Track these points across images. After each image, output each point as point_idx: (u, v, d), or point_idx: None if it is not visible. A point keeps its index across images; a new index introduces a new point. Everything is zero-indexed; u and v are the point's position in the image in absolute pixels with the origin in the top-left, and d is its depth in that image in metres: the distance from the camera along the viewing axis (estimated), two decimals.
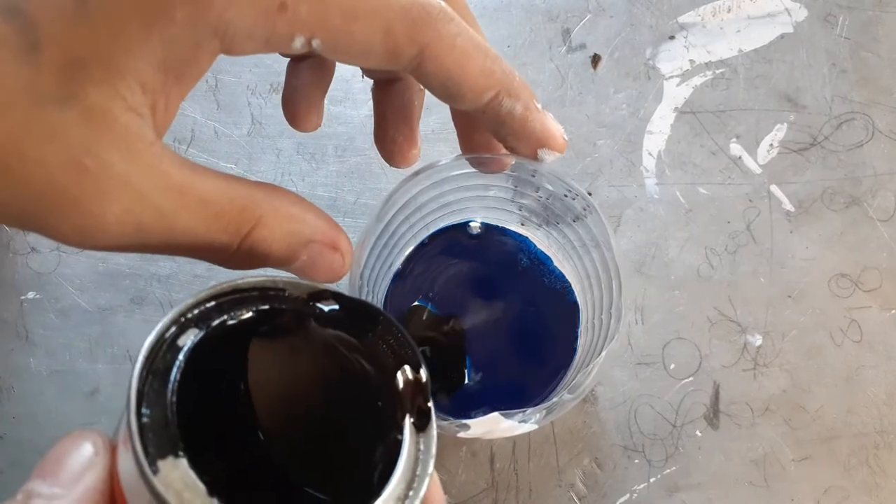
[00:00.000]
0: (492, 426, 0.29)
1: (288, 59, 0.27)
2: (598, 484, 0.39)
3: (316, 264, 0.23)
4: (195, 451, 0.19)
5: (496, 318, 0.37)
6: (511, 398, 0.35)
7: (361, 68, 0.26)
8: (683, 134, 0.43)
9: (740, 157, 0.43)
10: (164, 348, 0.20)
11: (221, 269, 0.42)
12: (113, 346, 0.40)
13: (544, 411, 0.29)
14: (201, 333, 0.21)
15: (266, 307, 0.23)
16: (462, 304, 0.37)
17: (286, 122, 0.28)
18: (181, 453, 0.18)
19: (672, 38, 0.44)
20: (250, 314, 0.22)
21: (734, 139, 0.43)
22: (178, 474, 0.18)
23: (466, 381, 0.36)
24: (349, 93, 0.43)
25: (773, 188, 0.42)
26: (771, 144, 0.43)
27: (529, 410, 0.29)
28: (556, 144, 0.26)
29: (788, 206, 0.42)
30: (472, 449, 0.39)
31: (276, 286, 0.23)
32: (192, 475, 0.18)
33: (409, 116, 0.28)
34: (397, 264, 0.37)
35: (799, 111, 0.43)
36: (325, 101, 0.27)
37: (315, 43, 0.21)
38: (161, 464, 0.18)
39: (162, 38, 0.19)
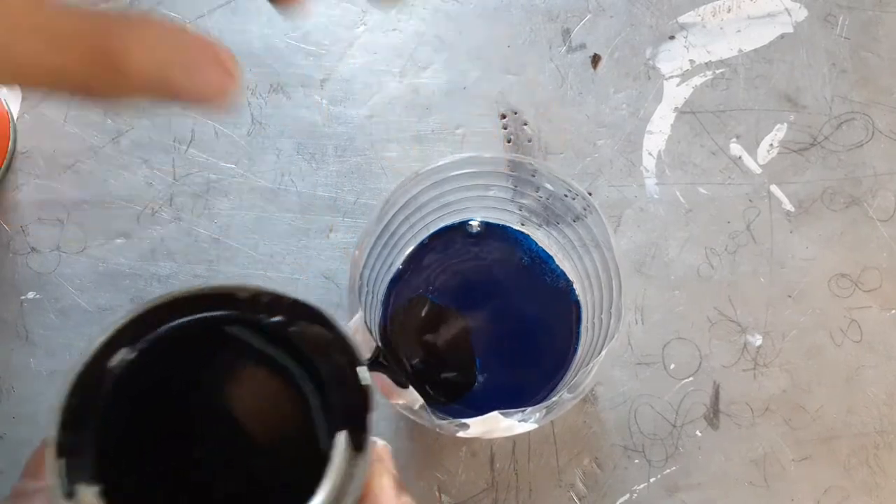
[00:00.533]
0: (491, 425, 0.29)
1: None
2: (598, 484, 0.39)
3: (201, 62, 0.20)
4: (115, 477, 0.19)
5: (497, 317, 0.37)
6: (511, 397, 0.35)
7: None
8: (683, 134, 0.43)
9: (740, 157, 0.43)
10: (93, 371, 0.20)
11: (221, 269, 0.43)
12: None
13: (544, 410, 0.30)
14: (132, 354, 0.21)
15: (197, 317, 0.22)
16: (463, 304, 0.37)
17: (286, 123, 0.27)
18: (95, 481, 0.19)
19: (672, 38, 0.44)
20: (181, 329, 0.22)
21: (734, 139, 0.43)
22: (93, 501, 0.19)
23: (476, 383, 0.36)
24: (349, 93, 0.43)
25: (773, 188, 0.42)
26: (771, 144, 0.43)
27: (529, 410, 0.29)
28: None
29: (788, 206, 0.42)
30: (472, 449, 0.39)
31: (220, 291, 0.22)
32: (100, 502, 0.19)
33: None
34: (397, 264, 0.37)
35: (799, 111, 0.43)
36: (323, 100, 0.27)
37: None
38: (78, 488, 0.19)
39: None
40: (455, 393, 0.36)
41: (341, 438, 0.21)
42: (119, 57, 0.19)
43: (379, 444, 0.26)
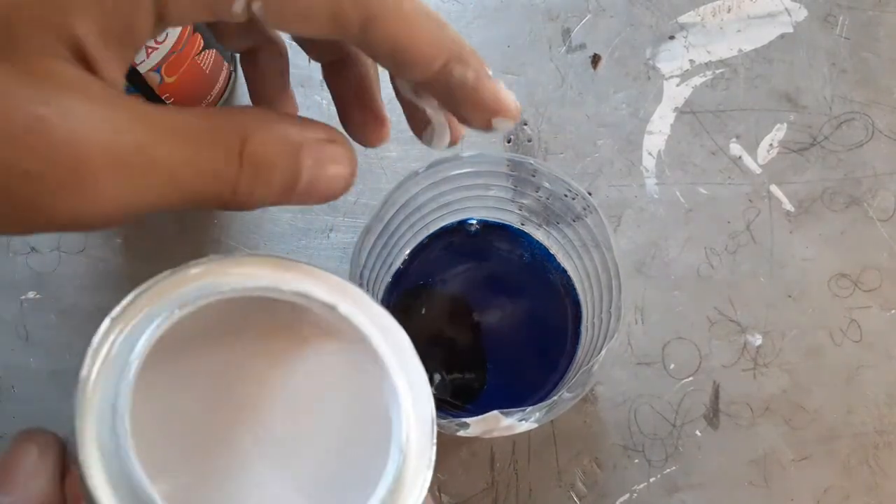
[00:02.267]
0: (491, 425, 0.29)
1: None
2: (598, 484, 0.39)
3: (323, 166, 0.21)
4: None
5: (498, 316, 0.37)
6: (511, 396, 0.35)
7: (305, 46, 0.25)
8: (683, 134, 0.43)
9: (740, 157, 0.43)
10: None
11: None
12: None
13: (544, 410, 0.30)
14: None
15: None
16: (464, 303, 0.37)
17: None
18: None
19: (672, 38, 0.44)
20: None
21: (734, 139, 0.43)
22: None
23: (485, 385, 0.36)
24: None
25: (773, 188, 0.42)
26: (771, 144, 0.43)
27: (529, 409, 0.29)
28: (510, 112, 0.25)
29: (788, 206, 0.42)
30: (472, 449, 0.39)
31: None
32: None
33: (368, 93, 0.26)
34: (397, 264, 0.37)
35: (799, 111, 0.43)
36: (323, 101, 0.27)
37: (256, 6, 0.19)
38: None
39: None
40: (462, 397, 0.36)
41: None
42: (261, 159, 0.19)
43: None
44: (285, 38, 0.26)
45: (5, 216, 0.17)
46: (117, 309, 0.18)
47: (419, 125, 0.27)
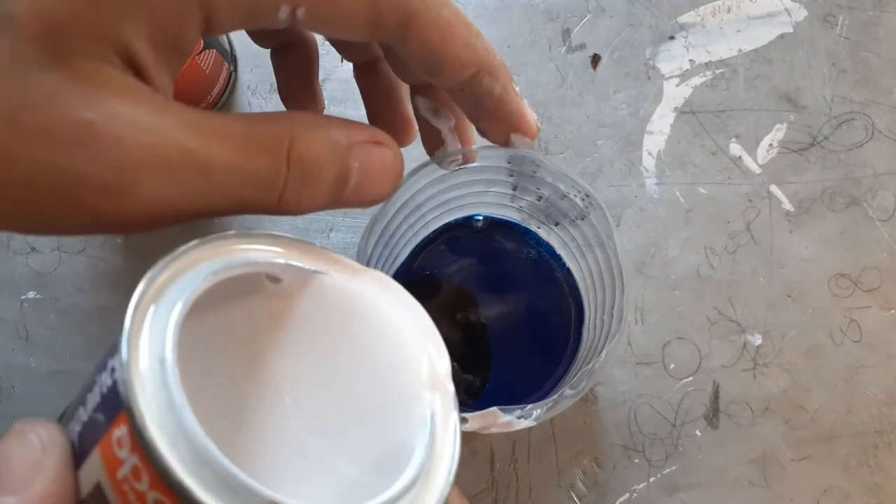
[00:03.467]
0: (490, 421, 0.29)
1: (270, 55, 0.27)
2: (598, 484, 0.39)
3: (371, 167, 0.21)
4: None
5: (501, 313, 0.37)
6: (511, 394, 0.35)
7: (341, 48, 0.26)
8: (683, 134, 0.43)
9: (740, 157, 0.43)
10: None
11: None
12: None
13: (543, 407, 0.29)
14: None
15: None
16: (467, 299, 0.37)
17: None
18: None
19: (672, 38, 0.44)
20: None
21: (734, 139, 0.43)
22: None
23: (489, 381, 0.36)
24: (349, 93, 0.43)
25: (773, 188, 0.42)
26: (771, 144, 0.43)
27: (529, 406, 0.29)
28: (530, 130, 0.25)
29: (788, 206, 0.42)
30: (472, 448, 0.39)
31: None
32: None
33: (397, 96, 0.27)
34: (400, 262, 0.37)
35: (799, 111, 0.43)
36: (325, 102, 0.28)
37: (300, 13, 0.20)
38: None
39: (145, 7, 0.18)
40: (466, 393, 0.36)
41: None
42: (309, 160, 0.19)
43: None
44: (318, 36, 0.26)
45: (54, 216, 0.17)
46: (152, 272, 0.18)
47: (433, 145, 0.28)
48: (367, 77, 0.27)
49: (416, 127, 0.28)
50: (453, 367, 0.23)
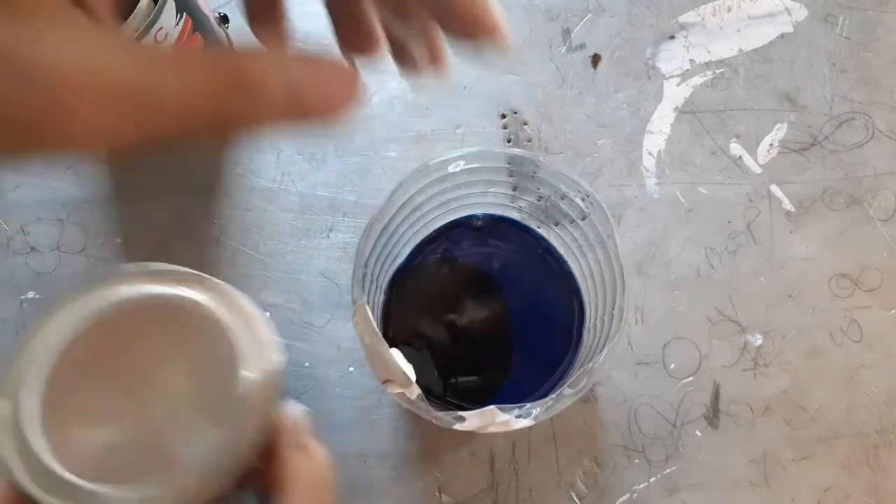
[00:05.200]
0: (488, 419, 0.29)
1: None
2: (598, 484, 0.39)
3: (324, 78, 0.20)
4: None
5: (502, 312, 0.37)
6: (511, 392, 0.35)
7: None
8: (683, 134, 0.43)
9: (740, 157, 0.43)
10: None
11: (221, 268, 0.42)
12: None
13: (542, 407, 0.29)
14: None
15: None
16: (468, 298, 0.37)
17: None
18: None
19: (672, 37, 0.44)
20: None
21: (734, 139, 0.43)
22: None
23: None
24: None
25: (773, 188, 0.42)
26: (771, 144, 0.43)
27: (528, 405, 0.29)
28: (496, 29, 0.23)
29: (788, 206, 0.42)
30: (472, 449, 0.39)
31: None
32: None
33: (363, 12, 0.26)
34: (400, 260, 0.37)
35: (799, 111, 0.43)
36: None
37: None
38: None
39: None
40: (467, 396, 0.36)
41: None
42: (253, 78, 0.19)
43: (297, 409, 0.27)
44: None
45: None
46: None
47: (401, 56, 0.27)
48: None
49: (382, 39, 0.27)
50: (449, 379, 0.25)
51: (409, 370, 0.29)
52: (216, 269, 0.41)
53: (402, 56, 0.27)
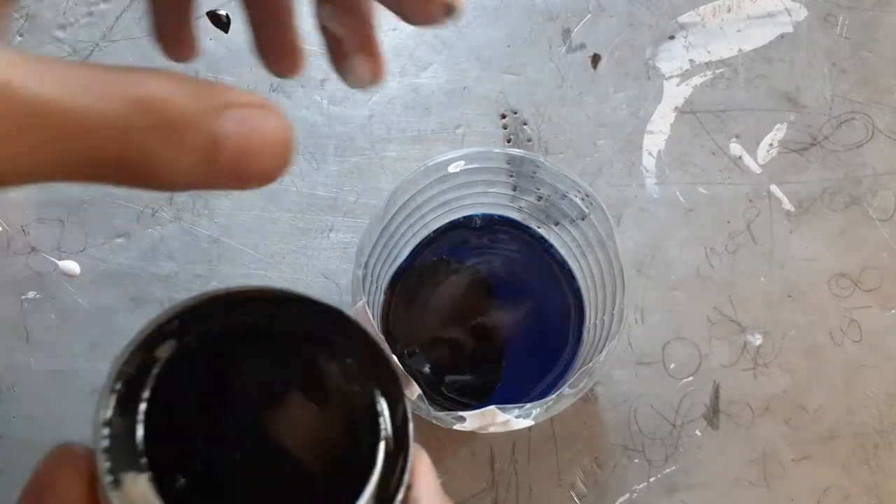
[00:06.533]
0: (488, 420, 0.29)
1: None
2: (598, 484, 0.39)
3: (252, 133, 0.17)
4: (164, 466, 0.18)
5: (503, 312, 0.37)
6: (511, 391, 0.35)
7: None
8: (683, 134, 0.43)
9: (740, 157, 0.43)
10: (138, 359, 0.20)
11: (221, 268, 0.43)
12: (113, 346, 0.40)
13: (542, 407, 0.29)
14: (176, 345, 0.20)
15: (243, 318, 0.22)
16: (468, 299, 0.37)
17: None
18: (144, 468, 0.18)
19: (672, 37, 0.44)
20: (225, 326, 0.21)
21: (734, 139, 0.43)
22: (139, 490, 0.18)
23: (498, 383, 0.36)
24: (349, 93, 0.43)
25: (773, 188, 0.42)
26: (771, 144, 0.43)
27: (528, 405, 0.29)
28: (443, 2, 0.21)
29: (788, 206, 0.42)
30: (472, 449, 0.39)
31: (253, 291, 0.22)
32: (151, 492, 0.18)
33: (287, 17, 0.25)
34: (400, 260, 0.37)
35: (799, 111, 0.43)
36: (323, 100, 0.27)
37: None
38: (124, 477, 0.18)
39: None
40: (468, 394, 0.36)
41: (385, 434, 0.22)
42: (172, 109, 0.16)
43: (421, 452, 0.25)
44: None
45: None
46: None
47: (338, 56, 0.25)
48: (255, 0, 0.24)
49: (304, 55, 0.25)
50: (448, 378, 0.24)
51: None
52: (216, 269, 0.41)
53: (338, 54, 0.25)
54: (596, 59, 0.44)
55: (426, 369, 0.36)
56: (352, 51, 0.25)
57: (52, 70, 0.15)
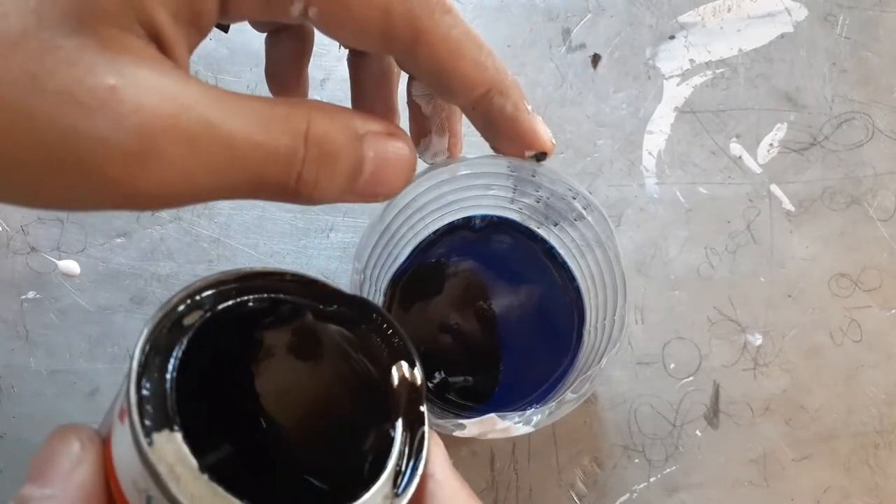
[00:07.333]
0: (488, 427, 0.29)
1: (265, 35, 0.26)
2: (598, 484, 0.39)
3: (385, 158, 0.21)
4: (193, 429, 0.19)
5: (503, 314, 0.37)
6: (511, 395, 0.35)
7: (348, 47, 0.25)
8: (683, 134, 0.43)
9: (740, 157, 0.43)
10: (169, 325, 0.20)
11: (221, 268, 0.42)
12: (113, 346, 0.40)
13: (544, 413, 0.29)
14: (207, 315, 0.21)
15: (271, 297, 0.22)
16: (468, 300, 0.37)
17: None
18: (177, 428, 0.18)
19: (672, 37, 0.44)
20: (256, 303, 0.22)
21: (734, 139, 0.43)
22: (171, 448, 0.18)
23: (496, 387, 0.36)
24: (349, 93, 0.43)
25: (774, 188, 0.42)
26: (771, 144, 0.43)
27: (528, 412, 0.29)
28: (545, 147, 0.26)
29: (788, 206, 0.42)
30: (472, 449, 0.39)
31: (282, 273, 0.23)
32: (185, 449, 0.18)
33: (387, 85, 0.27)
34: (400, 260, 0.37)
35: (799, 111, 0.43)
36: (323, 100, 0.27)
37: (312, 12, 0.20)
38: (156, 436, 0.18)
39: None
40: (466, 397, 0.36)
41: (400, 423, 0.22)
42: (330, 148, 0.19)
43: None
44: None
45: (70, 185, 0.17)
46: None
47: (420, 133, 0.28)
48: (361, 64, 0.27)
49: (399, 116, 0.28)
50: (449, 379, 0.24)
51: None
52: (216, 269, 0.41)
53: (419, 128, 0.28)
54: (596, 59, 0.44)
55: (429, 371, 0.36)
56: (433, 129, 0.27)
57: (237, 105, 0.18)
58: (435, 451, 0.24)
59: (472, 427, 0.28)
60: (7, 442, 0.39)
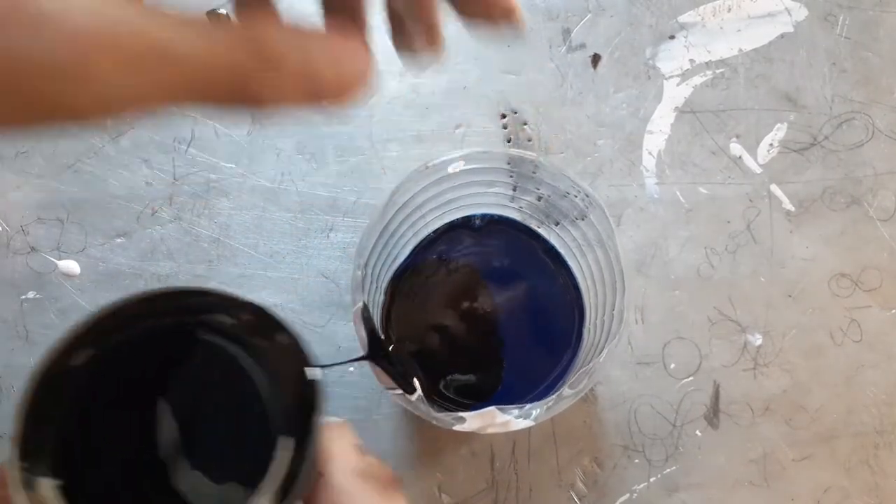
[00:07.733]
0: (487, 420, 0.29)
1: None
2: (598, 484, 0.39)
3: (339, 56, 0.20)
4: (76, 471, 0.19)
5: (503, 311, 0.37)
6: (511, 391, 0.35)
7: None
8: (683, 134, 0.43)
9: (740, 157, 0.43)
10: (56, 368, 0.20)
11: (221, 268, 0.43)
12: None
13: (542, 407, 0.29)
14: (93, 353, 0.21)
15: (158, 322, 0.22)
16: (468, 298, 0.37)
17: (286, 122, 0.27)
18: (53, 475, 0.19)
19: (672, 37, 0.44)
20: (142, 331, 0.22)
21: (734, 139, 0.43)
22: (49, 495, 0.19)
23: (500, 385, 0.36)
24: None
25: (774, 188, 0.42)
26: (771, 144, 0.43)
27: (527, 406, 0.29)
28: (508, 5, 0.24)
29: (788, 206, 0.42)
30: (472, 448, 0.39)
31: (177, 292, 0.23)
32: (59, 499, 0.19)
33: None
34: (400, 259, 0.37)
35: (799, 111, 0.43)
36: (325, 101, 0.27)
37: None
38: (38, 483, 0.19)
39: None
40: (466, 394, 0.36)
41: (283, 441, 0.22)
42: (274, 49, 0.19)
43: (337, 421, 0.26)
44: None
45: (9, 104, 0.17)
46: None
47: (398, 35, 0.27)
48: None
49: (366, 25, 0.28)
50: (447, 377, 0.24)
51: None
52: (216, 269, 0.41)
53: (399, 33, 0.26)
54: (596, 59, 0.44)
55: (429, 369, 0.36)
56: (411, 28, 0.26)
57: (178, 18, 0.18)
58: (336, 454, 0.23)
59: (472, 421, 0.28)
60: (7, 442, 0.39)
